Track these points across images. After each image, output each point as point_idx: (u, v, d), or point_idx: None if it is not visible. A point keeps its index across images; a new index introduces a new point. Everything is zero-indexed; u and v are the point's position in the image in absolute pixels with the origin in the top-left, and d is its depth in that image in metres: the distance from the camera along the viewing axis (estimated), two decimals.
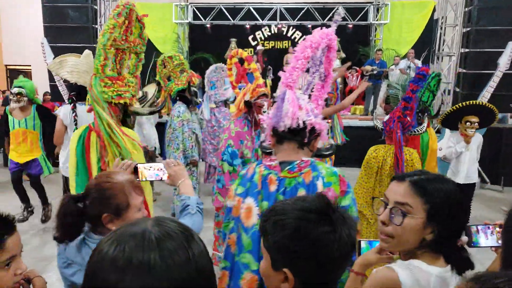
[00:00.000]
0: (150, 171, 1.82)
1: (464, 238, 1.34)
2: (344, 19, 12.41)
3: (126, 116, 2.98)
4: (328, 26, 2.00)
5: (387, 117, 3.48)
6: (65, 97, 7.98)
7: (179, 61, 5.15)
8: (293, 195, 1.65)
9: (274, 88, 11.51)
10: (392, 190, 1.30)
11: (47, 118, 4.96)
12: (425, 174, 1.30)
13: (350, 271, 1.41)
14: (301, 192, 1.66)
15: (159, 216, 0.78)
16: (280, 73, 1.85)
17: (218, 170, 3.40)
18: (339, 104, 3.86)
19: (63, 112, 4.33)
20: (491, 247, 1.44)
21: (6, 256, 1.26)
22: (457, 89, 8.59)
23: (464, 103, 4.49)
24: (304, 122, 1.71)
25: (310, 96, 2.00)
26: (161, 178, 1.82)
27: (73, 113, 4.21)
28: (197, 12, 12.94)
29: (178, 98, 5.07)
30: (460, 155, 4.54)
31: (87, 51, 3.58)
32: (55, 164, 5.27)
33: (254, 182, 1.73)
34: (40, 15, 9.45)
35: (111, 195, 1.52)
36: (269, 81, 12.04)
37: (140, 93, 5.61)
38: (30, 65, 13.71)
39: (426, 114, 4.25)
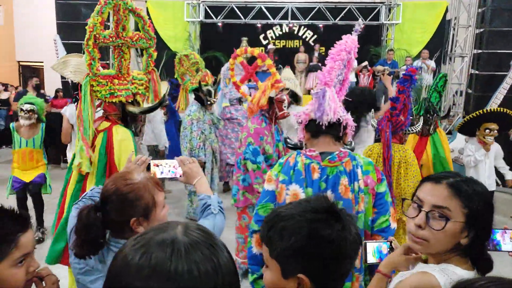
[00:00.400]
0: (164, 168, 1.77)
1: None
2: (355, 18, 12.37)
3: (126, 116, 2.89)
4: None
5: (381, 116, 3.51)
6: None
7: (194, 60, 5.22)
8: (336, 182, 1.84)
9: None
10: (428, 192, 1.24)
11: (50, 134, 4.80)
12: (459, 176, 1.26)
13: (376, 272, 1.40)
14: (344, 179, 1.85)
15: (188, 223, 0.76)
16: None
17: (241, 169, 3.34)
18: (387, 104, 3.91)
19: (69, 111, 4.39)
20: (509, 252, 1.43)
21: (20, 254, 1.26)
22: (469, 91, 8.51)
23: (485, 110, 4.36)
24: (340, 118, 1.91)
25: None
26: (175, 175, 1.76)
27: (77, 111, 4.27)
28: (208, 10, 12.98)
29: (194, 97, 5.08)
30: (478, 163, 4.45)
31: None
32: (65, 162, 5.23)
33: (298, 170, 1.90)
34: (53, 12, 9.53)
35: (136, 197, 1.41)
36: None
37: None
38: (42, 62, 13.85)
39: (435, 115, 4.22)
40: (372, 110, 4.21)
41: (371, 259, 1.46)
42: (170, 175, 1.77)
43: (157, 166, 1.77)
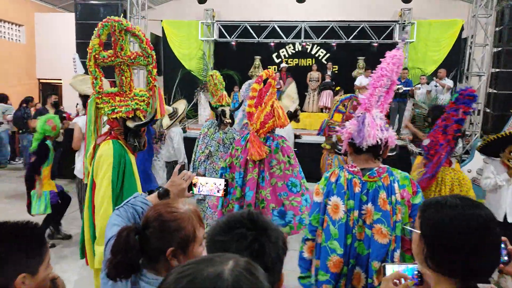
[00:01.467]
0: (207, 186, 1.78)
1: None
2: (368, 37, 12.39)
3: (127, 131, 2.93)
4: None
5: (426, 141, 3.42)
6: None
7: (215, 81, 5.36)
8: (375, 195, 2.06)
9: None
10: None
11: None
12: (455, 199, 1.27)
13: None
14: (382, 193, 2.05)
15: (241, 260, 0.74)
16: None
17: (295, 191, 3.22)
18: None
19: (81, 122, 4.70)
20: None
21: (48, 260, 1.42)
22: (487, 110, 8.39)
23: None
24: (379, 141, 2.09)
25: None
26: (217, 194, 1.76)
27: None
28: (222, 29, 13.15)
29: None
30: (499, 188, 3.98)
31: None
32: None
33: (340, 184, 2.14)
34: (73, 31, 9.76)
35: (178, 227, 1.38)
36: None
37: (171, 109, 5.79)
38: (61, 79, 14.13)
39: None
40: (408, 134, 4.13)
41: None
42: (213, 193, 1.78)
43: (201, 184, 1.78)
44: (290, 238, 3.26)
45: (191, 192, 1.76)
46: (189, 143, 6.33)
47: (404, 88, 9.90)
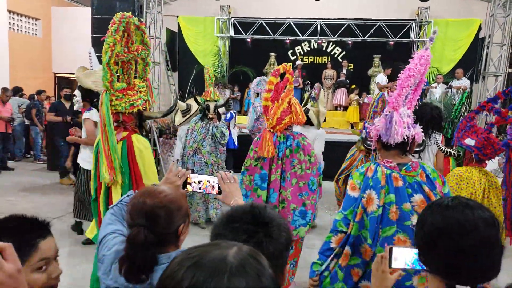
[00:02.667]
0: (201, 184, 1.74)
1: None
2: (384, 35, 12.29)
3: (141, 121, 3.09)
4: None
5: (470, 140, 3.43)
6: None
7: (206, 75, 5.57)
8: (421, 188, 2.17)
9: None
10: None
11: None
12: (456, 200, 1.27)
13: None
14: (426, 188, 2.16)
15: (246, 247, 0.75)
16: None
17: (313, 189, 3.25)
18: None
19: (95, 115, 4.64)
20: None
21: (39, 258, 1.28)
22: (503, 110, 8.27)
23: None
24: (407, 136, 2.18)
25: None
26: (212, 192, 1.73)
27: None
28: (238, 26, 13.18)
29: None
30: None
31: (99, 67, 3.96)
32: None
33: (377, 178, 2.22)
34: (89, 26, 9.88)
35: (178, 206, 1.47)
36: (307, 95, 12.05)
37: (184, 105, 5.87)
38: None
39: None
40: (437, 135, 4.04)
41: (396, 264, 1.46)
42: (208, 191, 1.74)
43: (195, 181, 1.74)
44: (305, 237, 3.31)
45: (186, 189, 1.74)
46: None
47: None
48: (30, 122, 9.59)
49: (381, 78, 10.44)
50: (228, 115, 8.61)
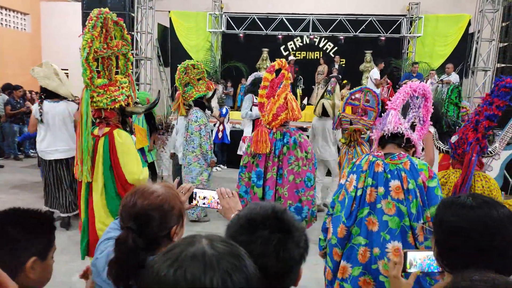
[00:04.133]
0: (206, 199, 1.77)
1: None
2: (376, 31, 12.36)
3: (124, 117, 3.10)
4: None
5: (454, 137, 3.09)
6: None
7: (200, 70, 5.44)
8: (399, 174, 2.25)
9: (304, 98, 11.56)
10: None
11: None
12: (471, 198, 1.27)
13: None
14: (404, 174, 2.23)
15: (210, 235, 0.78)
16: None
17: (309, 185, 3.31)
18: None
19: (34, 108, 5.11)
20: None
21: (54, 248, 1.42)
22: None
23: None
24: (401, 131, 2.31)
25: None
26: (216, 207, 1.75)
27: (39, 107, 4.99)
28: (230, 21, 13.16)
29: (194, 104, 5.41)
30: None
31: (44, 61, 4.58)
32: None
33: (360, 164, 2.37)
34: (80, 21, 9.82)
35: (170, 207, 1.43)
36: (299, 91, 12.09)
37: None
38: (67, 69, 14.21)
39: (456, 127, 4.15)
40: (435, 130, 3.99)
41: (412, 269, 1.49)
42: (212, 206, 1.77)
43: (199, 197, 1.77)
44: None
45: (191, 204, 1.75)
46: None
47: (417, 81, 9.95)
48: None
49: (376, 73, 10.50)
50: (224, 110, 8.64)
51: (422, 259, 1.48)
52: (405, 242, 2.23)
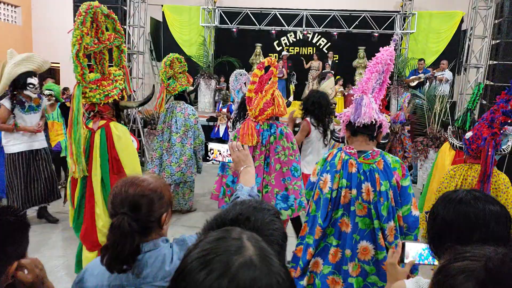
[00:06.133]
0: (221, 152, 1.87)
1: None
2: (370, 27, 12.37)
3: (118, 111, 3.10)
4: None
5: (469, 134, 3.13)
6: None
7: (182, 63, 5.47)
8: (372, 175, 2.25)
9: (296, 93, 11.55)
10: None
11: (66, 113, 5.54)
12: (468, 193, 1.31)
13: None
14: (377, 175, 2.24)
15: (250, 235, 0.77)
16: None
17: (297, 175, 3.32)
18: None
19: (7, 102, 4.80)
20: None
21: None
22: (484, 102, 8.44)
23: None
24: (375, 120, 2.28)
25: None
26: (228, 159, 1.85)
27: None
28: (224, 16, 13.09)
29: (176, 97, 5.55)
30: None
31: (9, 50, 4.28)
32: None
33: (333, 163, 2.35)
34: (71, 14, 9.70)
35: (161, 195, 1.47)
36: (292, 86, 12.09)
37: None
38: (59, 63, 14.06)
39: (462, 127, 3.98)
40: (450, 127, 3.95)
41: (409, 259, 1.51)
42: (227, 159, 1.87)
43: (217, 149, 1.88)
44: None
45: (209, 158, 1.87)
46: None
47: (424, 76, 10.22)
48: None
49: None
50: (233, 107, 8.66)
51: (419, 250, 1.50)
52: (375, 243, 2.28)
